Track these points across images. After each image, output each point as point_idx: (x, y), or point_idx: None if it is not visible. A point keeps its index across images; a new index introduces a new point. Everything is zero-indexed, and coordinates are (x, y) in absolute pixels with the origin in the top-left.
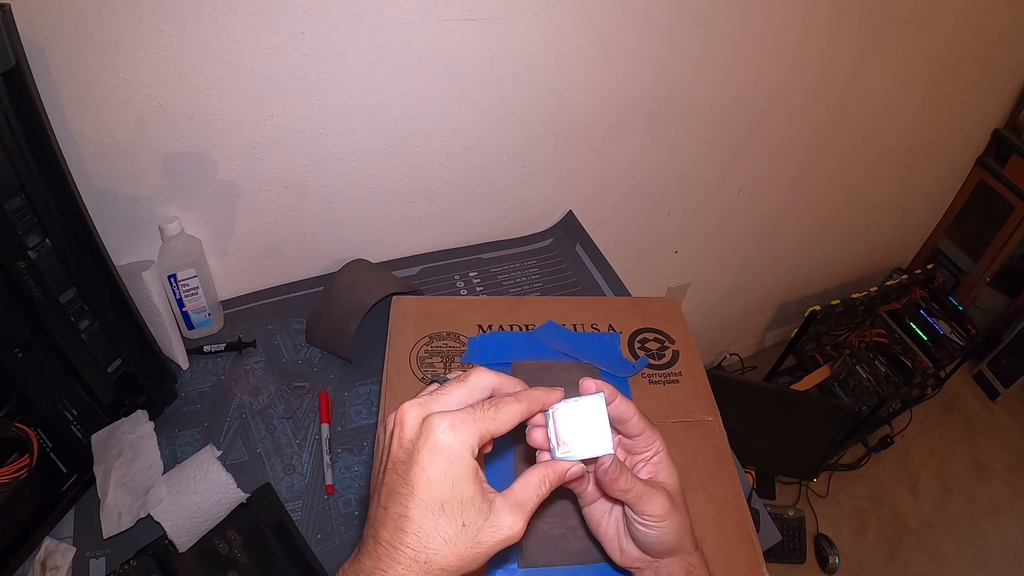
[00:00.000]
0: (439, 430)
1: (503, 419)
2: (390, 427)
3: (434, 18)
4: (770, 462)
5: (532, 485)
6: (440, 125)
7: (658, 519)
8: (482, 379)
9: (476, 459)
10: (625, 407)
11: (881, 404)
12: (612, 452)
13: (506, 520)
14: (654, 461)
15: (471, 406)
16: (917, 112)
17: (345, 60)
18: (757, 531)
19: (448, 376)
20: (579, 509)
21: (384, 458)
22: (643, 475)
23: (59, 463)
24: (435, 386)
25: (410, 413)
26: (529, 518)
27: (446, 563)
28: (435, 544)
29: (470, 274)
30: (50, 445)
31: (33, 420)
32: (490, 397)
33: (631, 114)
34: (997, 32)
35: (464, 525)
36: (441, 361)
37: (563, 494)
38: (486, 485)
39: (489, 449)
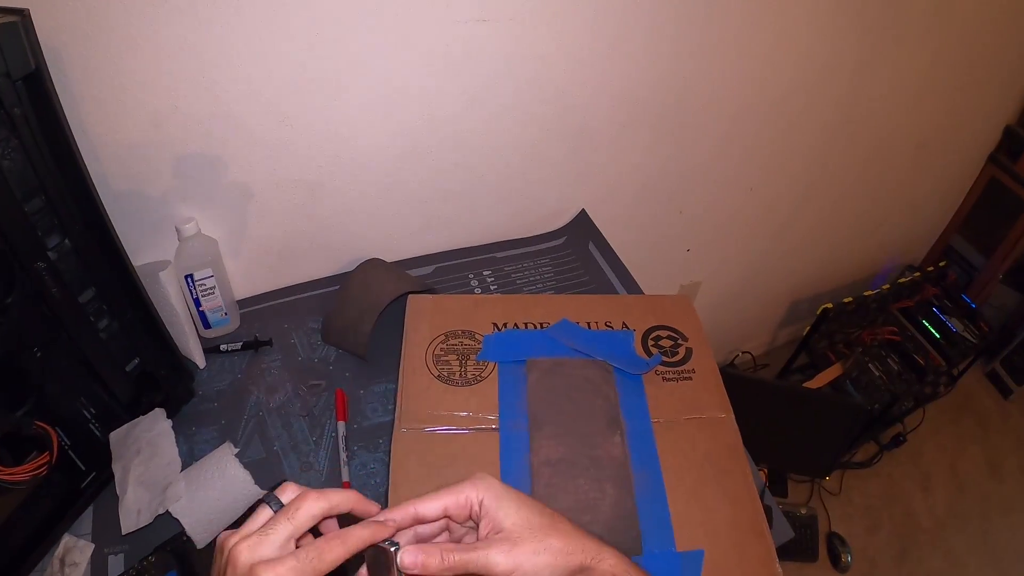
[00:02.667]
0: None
1: (327, 561)
2: (223, 559)
3: (447, 20)
4: (782, 460)
5: None
6: (453, 126)
7: (510, 571)
8: (310, 510)
9: None
10: (370, 508)
11: (894, 402)
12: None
13: None
14: (481, 514)
15: (294, 555)
16: (928, 109)
17: (358, 63)
18: (770, 527)
19: (282, 498)
20: (594, 506)
21: None
22: (483, 532)
23: (78, 461)
24: (267, 513)
25: (242, 556)
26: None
27: None
28: None
29: (484, 273)
30: (69, 443)
31: (52, 418)
32: (318, 533)
33: (643, 113)
34: (1008, 28)
35: None
36: (457, 359)
37: (578, 491)
38: None
39: None
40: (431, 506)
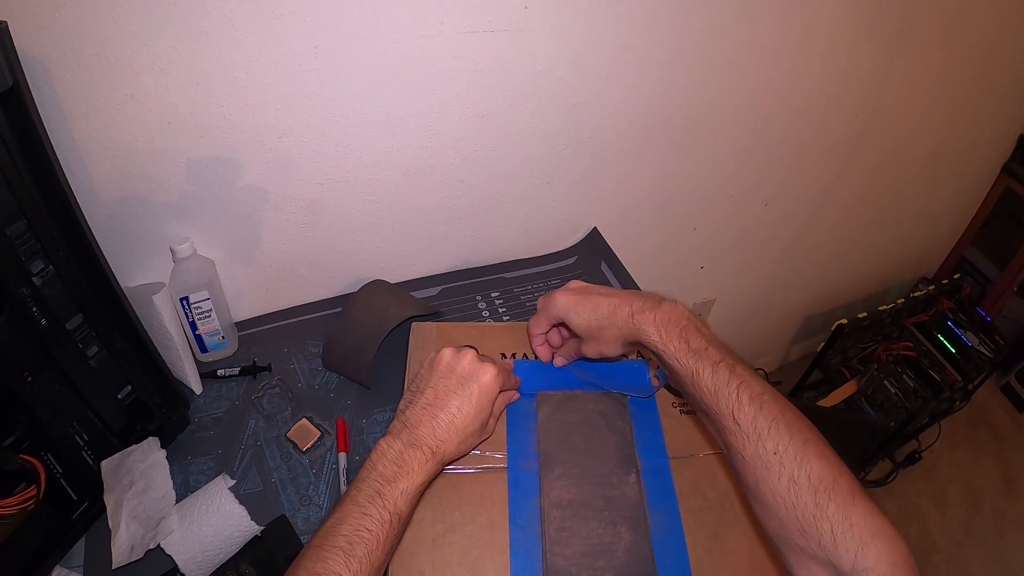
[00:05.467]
0: (491, 368)
1: (512, 380)
2: (460, 352)
3: (452, 31)
4: None
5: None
6: (459, 141)
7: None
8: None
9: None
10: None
11: (909, 420)
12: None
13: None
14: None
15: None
16: (943, 119)
17: (360, 75)
18: None
19: None
20: (608, 551)
21: (448, 370)
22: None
23: (70, 491)
24: None
25: (470, 354)
26: (499, 371)
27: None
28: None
29: (492, 294)
30: (60, 471)
31: (44, 445)
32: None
33: (659, 128)
34: (1022, 36)
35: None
36: None
37: (591, 535)
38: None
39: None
40: (536, 329)
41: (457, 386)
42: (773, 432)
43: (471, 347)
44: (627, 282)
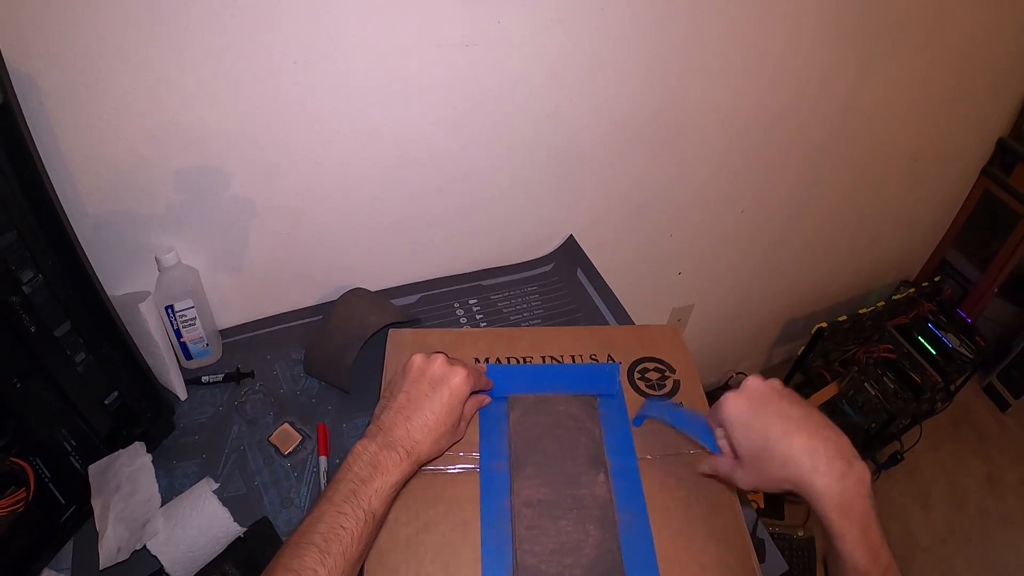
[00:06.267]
0: (461, 370)
1: (483, 382)
2: (431, 357)
3: (429, 44)
4: None
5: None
6: (437, 151)
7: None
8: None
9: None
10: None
11: (890, 421)
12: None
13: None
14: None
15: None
16: (921, 123)
17: (340, 88)
18: (762, 562)
19: None
20: (576, 548)
21: (419, 374)
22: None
23: (58, 494)
24: None
25: (440, 358)
26: (469, 374)
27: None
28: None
29: (470, 301)
30: (48, 476)
31: (32, 450)
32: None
33: (635, 136)
34: (1000, 40)
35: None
36: None
37: (561, 533)
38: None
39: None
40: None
41: (429, 389)
42: None
43: (441, 352)
44: (604, 289)
